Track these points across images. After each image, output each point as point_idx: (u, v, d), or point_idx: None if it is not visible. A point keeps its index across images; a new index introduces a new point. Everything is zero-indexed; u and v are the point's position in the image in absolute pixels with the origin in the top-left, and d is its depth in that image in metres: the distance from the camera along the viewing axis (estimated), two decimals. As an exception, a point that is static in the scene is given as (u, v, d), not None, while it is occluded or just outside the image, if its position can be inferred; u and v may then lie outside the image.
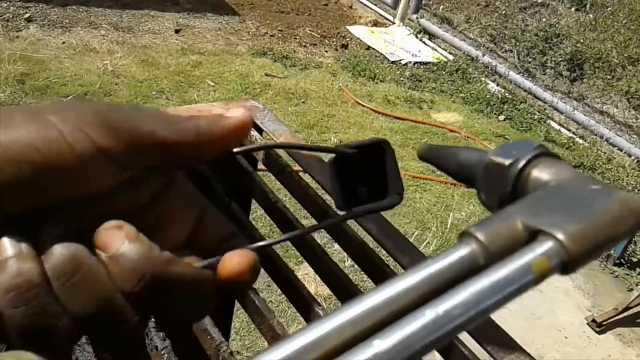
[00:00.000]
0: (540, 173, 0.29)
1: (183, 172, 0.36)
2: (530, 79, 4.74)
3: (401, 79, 4.36)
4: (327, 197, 0.90)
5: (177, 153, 0.32)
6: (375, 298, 0.23)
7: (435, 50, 4.92)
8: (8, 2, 3.89)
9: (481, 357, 0.68)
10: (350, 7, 5.54)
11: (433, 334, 0.22)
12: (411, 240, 2.67)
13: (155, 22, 4.25)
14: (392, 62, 4.56)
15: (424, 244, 2.75)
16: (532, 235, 0.25)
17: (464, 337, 0.69)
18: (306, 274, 2.32)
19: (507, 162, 0.30)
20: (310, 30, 4.82)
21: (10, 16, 3.76)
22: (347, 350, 0.21)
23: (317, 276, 0.75)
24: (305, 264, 0.86)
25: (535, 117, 4.33)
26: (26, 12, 3.85)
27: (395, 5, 5.27)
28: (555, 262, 0.24)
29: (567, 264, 0.24)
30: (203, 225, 0.35)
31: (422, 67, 4.60)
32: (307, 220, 1.01)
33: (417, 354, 0.21)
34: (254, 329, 2.11)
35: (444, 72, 4.60)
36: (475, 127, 4.03)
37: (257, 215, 2.19)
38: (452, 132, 3.86)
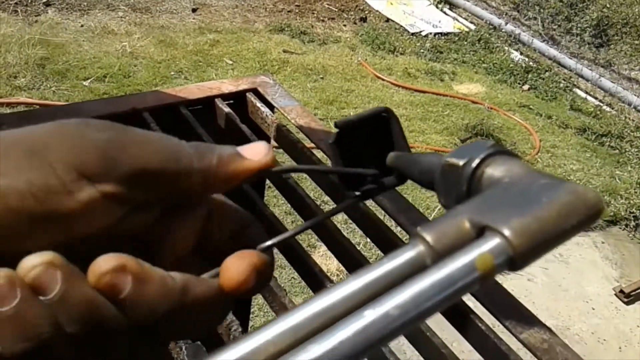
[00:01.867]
0: (493, 171, 0.28)
1: None
2: (554, 46, 4.61)
3: (421, 50, 4.28)
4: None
5: (184, 191, 0.29)
6: (319, 303, 0.22)
7: (457, 20, 4.81)
8: (26, -13, 3.91)
9: (500, 332, 0.66)
10: (369, -21, 5.44)
11: (371, 335, 0.21)
12: (433, 214, 2.64)
13: (172, 2, 4.24)
14: (412, 33, 4.48)
15: (447, 217, 2.72)
16: (479, 233, 0.24)
17: (482, 311, 0.67)
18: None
19: (461, 162, 0.29)
20: (327, 4, 4.75)
21: (29, 1, 3.78)
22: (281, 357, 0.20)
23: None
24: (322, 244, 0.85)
25: (561, 85, 4.22)
26: (44, -3, 3.87)
27: (414, -24, 5.15)
28: (501, 259, 0.23)
29: (514, 260, 0.23)
30: (213, 219, 0.32)
31: (442, 38, 4.51)
32: (320, 196, 0.99)
33: (355, 356, 0.20)
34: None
35: (465, 43, 4.51)
36: (499, 97, 3.95)
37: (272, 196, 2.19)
38: (475, 103, 3.79)
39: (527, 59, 4.43)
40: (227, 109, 0.97)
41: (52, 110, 1.02)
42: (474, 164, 0.28)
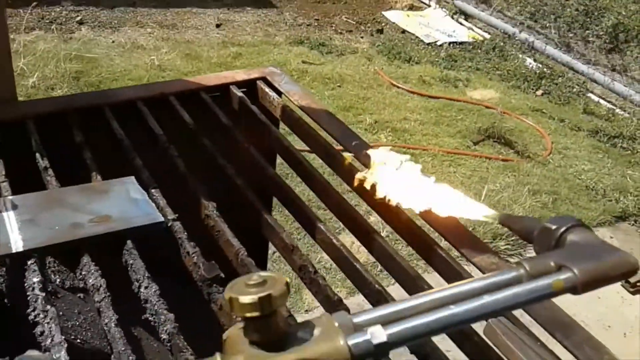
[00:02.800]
0: (573, 237, 0.44)
1: None
2: (568, 52, 4.71)
3: (436, 59, 4.42)
4: (331, 140, 1.04)
5: None
6: (457, 288, 0.38)
7: (472, 29, 4.94)
8: (61, 7, 4.17)
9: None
10: (386, -8, 5.62)
11: (482, 310, 0.37)
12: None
13: (197, 19, 4.46)
14: (428, 43, 4.62)
15: (458, 214, 2.83)
16: (558, 269, 0.41)
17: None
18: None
19: (553, 227, 0.47)
20: (346, 17, 4.93)
21: (64, 19, 4.04)
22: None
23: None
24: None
25: (574, 90, 4.31)
26: (78, 15, 4.12)
27: (430, -12, 5.31)
28: (569, 285, 0.39)
29: (577, 288, 0.40)
30: None
31: (457, 47, 4.65)
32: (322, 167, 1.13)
33: (475, 319, 0.36)
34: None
35: (480, 51, 4.63)
36: (512, 102, 4.06)
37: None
38: (488, 108, 3.91)
39: (540, 66, 4.53)
40: (240, 94, 1.13)
41: (90, 95, 1.18)
42: (562, 230, 0.45)
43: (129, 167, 0.91)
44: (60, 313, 0.91)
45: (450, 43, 4.65)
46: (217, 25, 4.38)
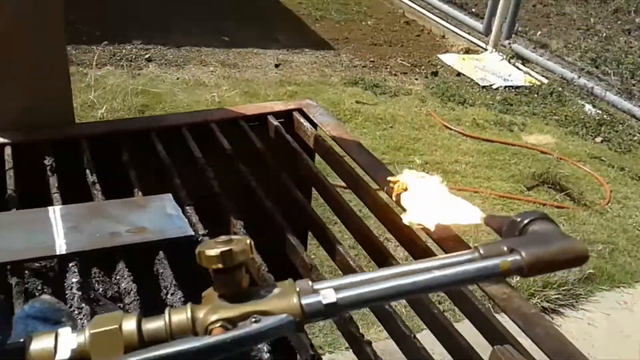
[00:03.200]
0: (535, 227, 0.49)
1: None
2: (630, 99, 4.59)
3: (491, 103, 4.41)
4: (360, 171, 1.09)
5: None
6: (414, 265, 0.43)
7: (529, 74, 4.92)
8: (131, 45, 4.46)
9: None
10: (443, 36, 5.68)
11: (429, 283, 0.41)
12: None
13: (257, 59, 4.66)
14: (483, 87, 4.63)
15: (505, 257, 2.79)
16: (510, 252, 0.44)
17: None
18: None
19: (518, 219, 0.50)
20: (401, 60, 5.02)
21: (133, 57, 4.31)
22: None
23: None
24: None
25: (635, 138, 4.19)
26: (147, 53, 4.39)
27: (487, 32, 5.34)
28: (515, 266, 0.43)
29: (523, 269, 0.43)
30: None
31: (513, 91, 4.63)
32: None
33: (421, 291, 0.41)
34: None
35: (536, 96, 4.59)
36: (569, 148, 3.99)
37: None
38: (544, 153, 3.85)
39: (600, 112, 4.44)
40: (276, 123, 1.20)
41: (140, 119, 1.27)
42: (525, 222, 0.49)
43: (168, 186, 0.99)
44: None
45: (506, 87, 4.64)
46: (276, 65, 4.55)
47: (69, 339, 0.33)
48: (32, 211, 0.87)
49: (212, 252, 0.36)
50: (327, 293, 0.37)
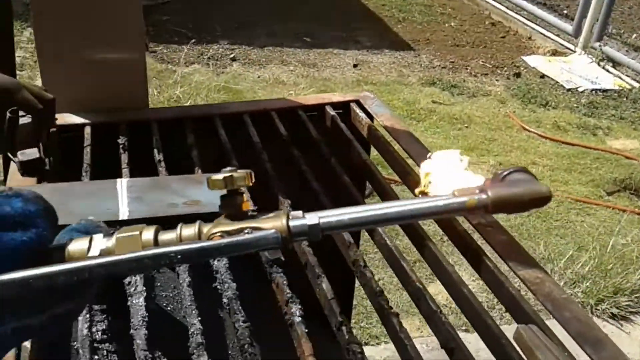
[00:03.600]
0: (512, 177, 0.49)
1: None
2: None
3: (576, 105, 4.25)
4: (411, 162, 1.12)
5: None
6: (397, 202, 0.47)
7: (619, 77, 4.69)
8: (218, 45, 4.67)
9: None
10: (529, 38, 5.52)
11: (401, 213, 0.45)
12: (564, 260, 2.64)
13: (337, 59, 4.74)
14: (568, 89, 4.46)
15: (579, 265, 2.70)
16: (480, 192, 0.48)
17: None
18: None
19: (499, 172, 0.51)
20: (483, 61, 4.93)
21: (219, 56, 4.52)
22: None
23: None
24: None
25: None
26: (232, 53, 4.59)
27: (577, 34, 5.14)
28: (480, 204, 0.46)
29: (487, 206, 0.45)
30: None
31: (601, 94, 4.43)
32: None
33: (394, 220, 0.45)
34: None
35: (626, 100, 4.37)
36: (658, 155, 3.77)
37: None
38: (629, 159, 3.67)
39: (697, 118, 4.17)
40: (333, 113, 1.25)
41: (205, 106, 1.37)
42: (505, 173, 0.48)
43: (225, 165, 1.07)
44: (159, 284, 1.08)
45: (592, 90, 4.45)
46: (354, 65, 4.61)
47: (100, 242, 0.41)
48: (102, 182, 0.97)
49: (217, 176, 0.44)
50: (311, 217, 0.43)
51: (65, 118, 1.13)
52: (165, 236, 0.43)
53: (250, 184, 0.45)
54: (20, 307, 0.37)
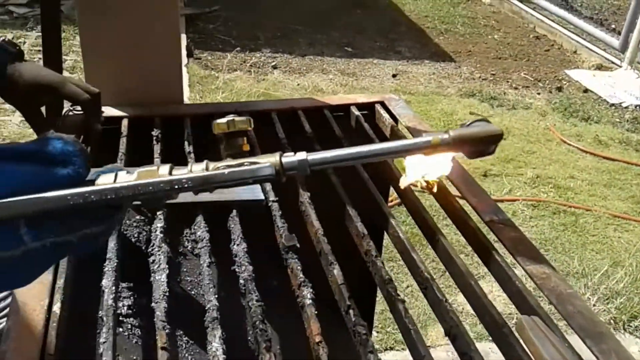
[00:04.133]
0: (475, 124, 0.55)
1: None
2: None
3: (619, 121, 4.17)
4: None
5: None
6: (373, 145, 0.52)
7: (667, 93, 4.57)
8: (260, 53, 4.78)
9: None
10: (574, 52, 5.44)
11: (374, 152, 0.51)
12: (598, 275, 2.59)
13: (376, 69, 4.78)
14: (611, 104, 4.38)
15: (613, 281, 2.64)
16: (445, 132, 0.53)
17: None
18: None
19: (466, 122, 0.57)
20: (525, 74, 4.88)
21: (261, 64, 4.62)
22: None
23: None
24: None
25: None
26: (273, 61, 4.68)
27: (623, 49, 5.03)
28: (444, 142, 0.51)
29: (450, 143, 0.51)
30: None
31: (647, 110, 4.33)
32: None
33: (369, 157, 0.51)
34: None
35: (673, 116, 4.26)
36: None
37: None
38: (674, 176, 3.57)
39: None
40: (357, 113, 1.30)
41: (235, 104, 1.43)
42: (469, 123, 0.54)
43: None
44: (185, 269, 1.14)
45: (637, 105, 4.35)
46: (393, 75, 4.64)
47: (124, 176, 0.47)
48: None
49: (221, 120, 0.52)
50: (301, 154, 0.50)
51: (105, 111, 1.20)
52: (179, 171, 0.49)
53: (250, 128, 0.53)
54: (59, 224, 0.44)
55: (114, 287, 0.82)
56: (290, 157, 0.50)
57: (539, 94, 4.56)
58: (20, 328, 0.73)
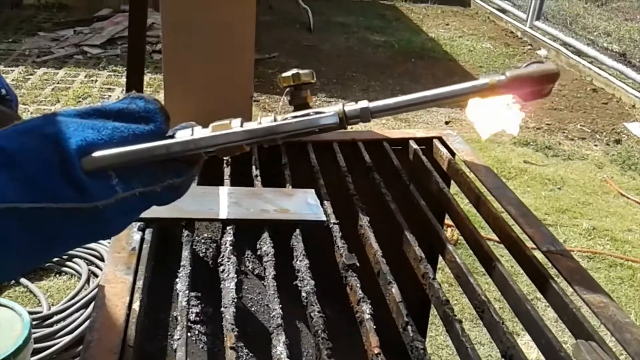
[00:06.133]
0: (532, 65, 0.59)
1: None
2: None
3: (681, 176, 4.05)
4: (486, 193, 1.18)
5: None
6: (433, 91, 0.57)
7: None
8: (316, 97, 4.92)
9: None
10: (633, 106, 5.36)
11: (434, 97, 0.54)
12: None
13: (429, 116, 4.84)
14: (673, 159, 4.27)
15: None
16: (502, 74, 0.57)
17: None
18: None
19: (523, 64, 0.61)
20: (581, 125, 4.84)
21: (315, 108, 4.74)
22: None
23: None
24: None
25: None
26: (327, 105, 4.80)
27: (685, 103, 4.94)
28: (501, 83, 0.53)
29: (506, 84, 0.53)
30: None
31: None
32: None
33: (429, 102, 0.53)
34: None
35: None
36: None
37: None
38: None
39: None
40: (415, 146, 1.35)
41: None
42: (527, 64, 0.54)
43: (313, 185, 1.18)
44: (246, 287, 1.19)
45: (700, 160, 4.23)
46: (446, 122, 4.68)
47: (200, 131, 0.51)
48: (208, 187, 1.11)
49: (286, 74, 0.55)
50: (363, 103, 0.53)
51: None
52: (249, 124, 0.53)
53: (313, 81, 0.55)
54: (145, 175, 0.49)
55: (187, 291, 0.88)
56: (353, 106, 0.52)
57: (595, 145, 4.49)
58: (103, 321, 0.80)
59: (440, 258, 1.26)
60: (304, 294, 0.92)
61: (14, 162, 0.45)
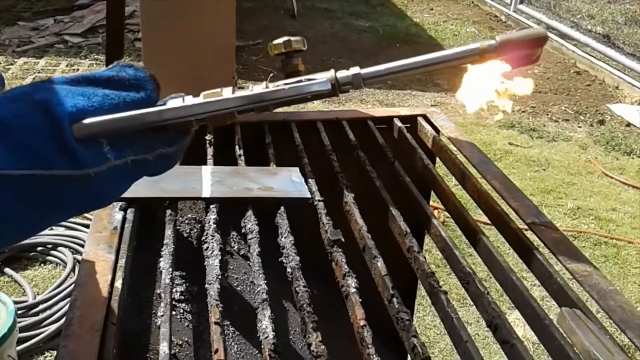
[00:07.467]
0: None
1: None
2: None
3: (663, 155, 4.10)
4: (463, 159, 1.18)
5: None
6: (423, 57, 0.56)
7: None
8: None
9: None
10: (617, 87, 5.40)
11: (421, 63, 0.54)
12: (639, 307, 2.53)
13: (414, 100, 4.84)
14: (655, 139, 4.31)
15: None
16: (491, 39, 0.56)
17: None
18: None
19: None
20: (565, 107, 4.86)
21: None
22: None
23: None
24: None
25: None
26: (313, 91, 4.79)
27: (667, 84, 4.98)
28: (491, 47, 0.53)
29: (497, 48, 0.52)
30: None
31: (693, 145, 4.25)
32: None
33: (418, 68, 0.53)
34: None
35: None
36: None
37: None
38: None
39: None
40: (400, 124, 1.34)
41: (290, 114, 1.48)
42: (516, 29, 0.57)
43: (297, 163, 1.18)
44: (231, 267, 1.18)
45: (682, 140, 4.28)
46: (432, 106, 4.68)
47: (191, 100, 0.51)
48: (190, 167, 1.10)
49: (277, 41, 0.54)
50: (354, 69, 0.52)
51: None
52: (240, 92, 0.52)
53: (304, 48, 0.54)
54: (137, 143, 0.49)
55: (170, 269, 0.87)
56: (345, 72, 0.52)
57: (579, 127, 4.53)
58: (85, 299, 0.79)
59: (427, 237, 1.27)
60: (289, 270, 0.91)
61: (4, 128, 0.44)
